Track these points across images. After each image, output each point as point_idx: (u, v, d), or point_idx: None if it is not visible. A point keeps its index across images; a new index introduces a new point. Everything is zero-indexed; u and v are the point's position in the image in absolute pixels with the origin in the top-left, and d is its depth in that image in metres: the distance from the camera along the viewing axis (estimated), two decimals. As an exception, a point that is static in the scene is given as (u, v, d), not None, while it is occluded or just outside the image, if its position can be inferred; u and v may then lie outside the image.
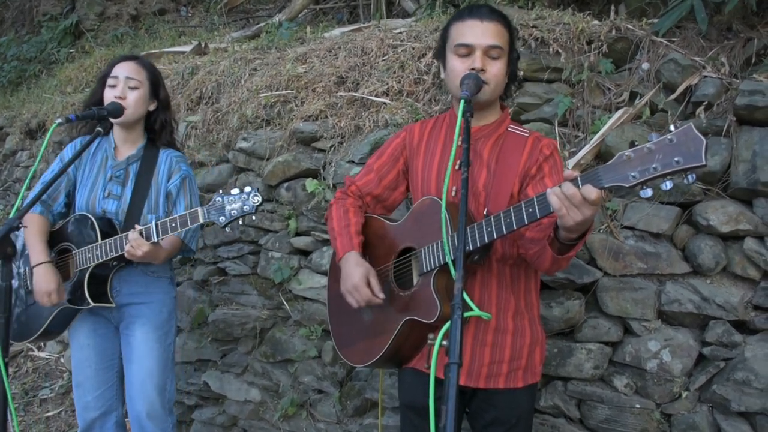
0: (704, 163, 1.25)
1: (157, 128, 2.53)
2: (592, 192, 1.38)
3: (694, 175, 1.29)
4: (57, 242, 2.45)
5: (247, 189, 2.10)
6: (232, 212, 2.09)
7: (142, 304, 2.46)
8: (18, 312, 2.55)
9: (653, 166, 1.30)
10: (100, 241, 2.30)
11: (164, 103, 2.54)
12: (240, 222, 2.11)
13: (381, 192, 2.06)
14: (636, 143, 1.34)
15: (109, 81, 2.42)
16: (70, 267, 2.43)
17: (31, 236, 2.41)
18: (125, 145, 2.51)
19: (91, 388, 2.48)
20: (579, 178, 1.43)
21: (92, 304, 2.32)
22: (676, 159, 1.27)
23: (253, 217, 2.12)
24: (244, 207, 2.09)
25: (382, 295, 1.85)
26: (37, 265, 2.34)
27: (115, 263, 2.36)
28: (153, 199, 2.46)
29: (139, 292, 2.46)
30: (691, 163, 1.26)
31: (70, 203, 2.54)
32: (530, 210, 1.53)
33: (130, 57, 2.53)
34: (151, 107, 2.51)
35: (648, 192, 1.35)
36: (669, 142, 1.29)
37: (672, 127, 1.30)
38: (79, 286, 2.34)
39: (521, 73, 2.72)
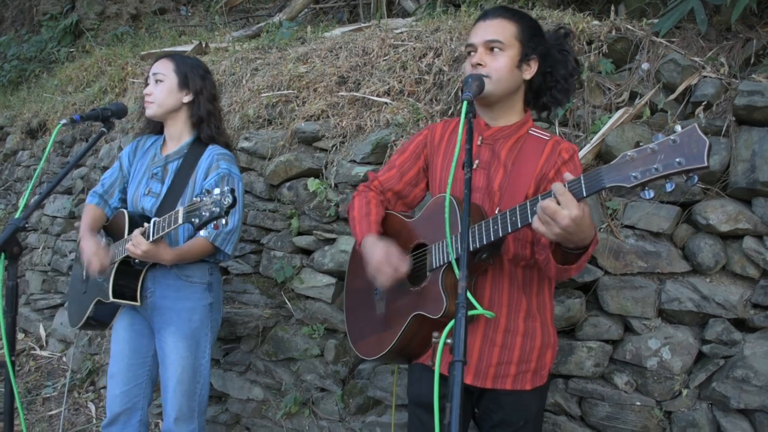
0: (706, 164, 1.24)
1: (194, 122, 2.49)
2: (551, 203, 1.42)
3: (696, 177, 1.28)
4: (107, 236, 2.52)
5: (225, 189, 1.95)
6: (204, 214, 1.96)
7: (172, 309, 2.43)
8: (75, 298, 2.63)
9: (655, 166, 1.30)
10: (125, 237, 2.32)
11: (200, 93, 2.48)
12: (230, 225, 2.00)
13: (402, 188, 2.07)
14: (641, 143, 1.34)
15: (147, 82, 2.48)
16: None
17: (83, 220, 2.50)
18: (171, 141, 2.53)
19: (121, 382, 2.48)
20: (583, 178, 1.44)
21: (111, 299, 2.32)
22: (678, 160, 1.26)
23: (223, 221, 1.97)
24: (214, 209, 1.95)
25: (405, 268, 1.82)
26: (79, 241, 2.42)
27: (137, 261, 2.32)
28: (188, 197, 2.41)
29: (171, 296, 2.43)
30: (693, 165, 1.25)
31: (125, 199, 2.59)
32: (535, 209, 1.52)
33: (164, 55, 2.55)
34: (186, 99, 2.47)
35: (650, 193, 1.34)
36: (672, 143, 1.28)
37: (678, 128, 1.29)
38: (107, 280, 2.36)
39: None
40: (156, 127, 2.61)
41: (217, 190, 1.97)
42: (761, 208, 2.20)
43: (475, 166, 1.86)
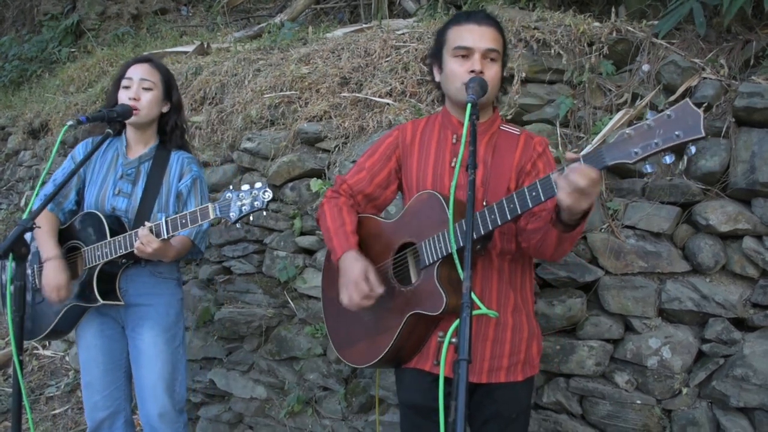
0: (704, 134, 1.31)
1: (168, 130, 2.53)
2: (591, 172, 1.46)
3: (694, 147, 1.38)
4: (66, 240, 2.47)
5: (258, 185, 2.09)
6: (243, 208, 2.08)
7: (149, 306, 2.46)
8: (27, 310, 2.56)
9: (654, 141, 1.37)
10: (109, 239, 2.31)
11: (177, 105, 2.55)
12: (251, 218, 2.10)
13: (372, 190, 2.05)
14: (634, 122, 1.40)
15: (124, 83, 2.43)
16: (78, 265, 2.45)
17: (42, 233, 2.41)
18: (138, 145, 2.52)
19: (100, 388, 2.48)
20: (582, 159, 1.48)
21: (101, 301, 2.32)
22: (676, 133, 1.34)
23: (264, 213, 2.10)
24: (255, 203, 2.07)
25: (380, 289, 1.84)
26: (47, 260, 2.35)
27: (123, 261, 2.36)
28: (164, 198, 2.46)
29: (146, 293, 2.46)
30: (691, 136, 1.32)
31: (80, 201, 2.55)
32: (534, 194, 1.58)
33: (144, 59, 2.53)
34: (164, 109, 2.51)
35: (650, 168, 1.42)
36: (668, 117, 1.36)
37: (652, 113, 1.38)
38: (88, 284, 2.35)
39: (523, 74, 2.77)
40: (113, 130, 2.52)
41: (246, 186, 2.10)
42: (761, 208, 2.22)
43: (453, 164, 1.88)
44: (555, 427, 2.47)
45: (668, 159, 1.40)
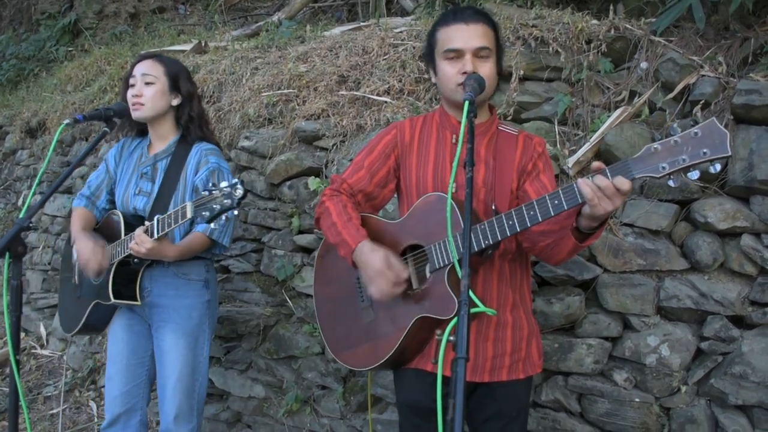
0: (730, 153, 1.37)
1: (183, 123, 2.50)
2: (624, 183, 1.48)
3: (719, 165, 1.41)
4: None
5: (233, 181, 1.98)
6: (215, 207, 1.97)
7: (171, 307, 2.44)
8: (68, 304, 2.60)
9: (682, 157, 1.41)
10: (122, 238, 2.32)
11: (188, 97, 2.50)
12: (224, 217, 1.99)
13: (372, 190, 2.00)
14: (660, 137, 1.42)
15: (130, 81, 2.44)
16: None
17: (73, 223, 2.50)
18: (158, 141, 2.52)
19: (120, 383, 2.48)
20: (608, 170, 1.50)
21: (112, 300, 2.32)
22: (703, 151, 1.39)
23: (235, 212, 1.99)
24: (225, 201, 1.96)
25: (406, 273, 1.80)
26: (74, 241, 2.39)
27: (136, 260, 2.34)
28: (180, 194, 2.43)
29: (170, 294, 2.44)
30: (717, 154, 1.38)
31: (113, 200, 2.58)
32: (556, 202, 1.58)
33: (149, 55, 2.53)
34: (175, 102, 2.48)
35: (673, 182, 1.46)
36: (695, 135, 1.40)
37: (675, 127, 1.40)
38: (105, 281, 2.36)
39: (521, 72, 2.76)
40: (139, 130, 2.59)
41: (224, 183, 1.98)
42: (759, 206, 2.22)
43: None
44: (554, 425, 2.46)
45: (694, 175, 1.43)
